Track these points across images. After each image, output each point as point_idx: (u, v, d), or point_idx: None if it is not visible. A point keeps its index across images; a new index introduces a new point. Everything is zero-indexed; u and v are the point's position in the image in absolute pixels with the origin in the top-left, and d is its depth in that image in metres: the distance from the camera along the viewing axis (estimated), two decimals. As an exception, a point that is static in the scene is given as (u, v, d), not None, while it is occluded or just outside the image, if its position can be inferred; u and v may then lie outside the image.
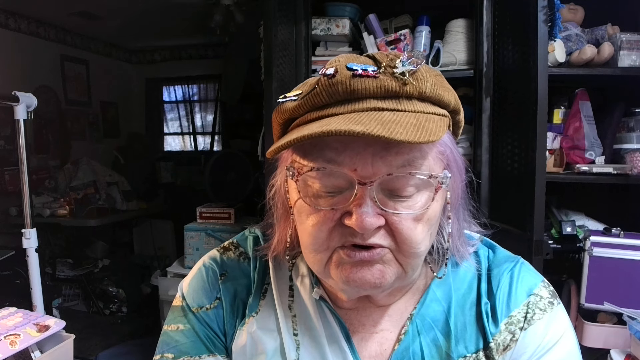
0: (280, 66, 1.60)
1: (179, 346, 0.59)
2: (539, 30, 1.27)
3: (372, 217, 0.46)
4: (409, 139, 0.41)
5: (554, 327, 0.55)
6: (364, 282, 0.49)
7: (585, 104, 1.60)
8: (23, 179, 1.62)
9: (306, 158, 0.49)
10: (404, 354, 0.55)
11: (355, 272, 0.49)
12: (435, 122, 0.46)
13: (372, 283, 0.49)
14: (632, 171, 1.47)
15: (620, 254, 1.36)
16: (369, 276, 0.49)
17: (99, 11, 3.53)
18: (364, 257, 0.48)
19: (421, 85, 0.47)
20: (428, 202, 0.48)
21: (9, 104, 1.58)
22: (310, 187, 0.50)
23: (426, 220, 0.49)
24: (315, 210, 0.49)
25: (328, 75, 0.47)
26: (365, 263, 0.48)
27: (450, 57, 1.67)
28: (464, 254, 0.58)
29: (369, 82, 0.46)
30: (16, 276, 2.36)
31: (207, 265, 0.64)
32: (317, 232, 0.49)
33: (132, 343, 2.55)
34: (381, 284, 0.49)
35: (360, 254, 0.48)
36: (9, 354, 1.03)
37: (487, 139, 1.60)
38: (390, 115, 0.44)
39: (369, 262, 0.48)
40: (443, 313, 0.57)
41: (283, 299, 0.60)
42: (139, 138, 4.64)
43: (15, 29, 3.44)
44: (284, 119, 0.52)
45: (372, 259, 0.48)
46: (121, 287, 3.31)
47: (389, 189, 0.48)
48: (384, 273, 0.49)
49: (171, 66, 4.81)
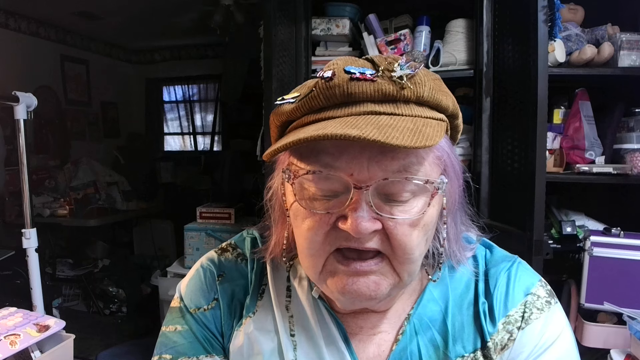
0: (280, 66, 1.60)
1: (177, 347, 0.59)
2: (539, 30, 1.27)
3: (367, 221, 0.45)
4: (405, 143, 0.41)
5: (551, 327, 0.55)
6: (360, 294, 0.49)
7: (585, 104, 1.59)
8: (23, 179, 1.62)
9: (303, 161, 0.49)
10: (401, 355, 0.55)
11: (351, 284, 0.49)
12: (433, 126, 0.46)
13: (367, 295, 0.49)
14: (632, 171, 1.47)
15: (620, 254, 1.36)
16: (364, 288, 0.49)
17: (99, 11, 3.53)
18: (360, 268, 0.48)
19: (419, 89, 0.47)
20: (424, 208, 0.48)
21: (9, 104, 1.58)
22: (306, 190, 0.50)
23: (422, 226, 0.49)
24: (311, 214, 0.49)
25: (326, 78, 0.47)
26: (361, 274, 0.48)
27: (450, 57, 1.67)
28: (461, 259, 0.58)
29: (366, 85, 0.46)
30: (16, 276, 2.36)
31: (205, 267, 0.64)
32: (313, 236, 0.49)
33: (132, 343, 2.54)
34: (376, 295, 0.49)
35: (355, 264, 0.48)
36: (9, 354, 1.03)
37: (487, 139, 1.60)
38: (387, 120, 0.44)
39: (364, 272, 0.48)
40: (440, 313, 0.57)
41: (280, 300, 0.60)
42: (139, 138, 4.64)
43: (15, 29, 3.44)
44: (282, 121, 0.52)
45: (368, 269, 0.48)
46: (121, 287, 3.31)
47: (385, 193, 0.47)
48: (379, 285, 0.49)
49: (171, 66, 4.81)
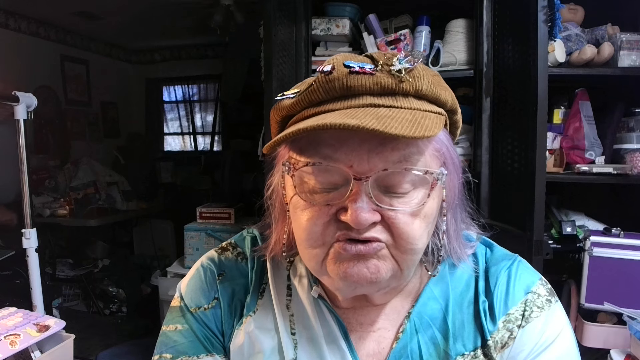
0: (280, 66, 1.60)
1: (177, 346, 0.59)
2: (539, 30, 1.27)
3: (367, 212, 0.46)
4: (404, 133, 0.41)
5: (551, 325, 0.55)
6: (360, 277, 0.49)
7: (585, 104, 1.59)
8: (23, 179, 1.62)
9: (302, 154, 0.49)
10: (402, 352, 0.55)
11: (352, 267, 0.49)
12: (432, 119, 0.46)
13: (368, 278, 0.49)
14: (632, 171, 1.47)
15: (620, 254, 1.36)
16: (364, 270, 0.48)
17: (98, 11, 3.53)
18: (361, 250, 0.48)
19: (418, 82, 0.47)
20: (424, 199, 0.48)
21: (9, 104, 1.58)
22: (306, 183, 0.50)
23: (423, 217, 0.49)
24: (310, 205, 0.49)
25: (325, 72, 0.48)
26: (362, 257, 0.48)
27: (450, 57, 1.67)
28: (461, 256, 0.58)
29: (365, 79, 0.46)
30: (16, 276, 2.35)
31: (205, 266, 0.64)
32: (312, 227, 0.49)
33: (132, 343, 2.54)
34: (377, 279, 0.49)
35: (357, 247, 0.48)
36: (9, 354, 1.03)
37: (487, 139, 1.60)
38: (386, 111, 0.45)
39: (364, 256, 0.48)
40: (441, 311, 0.57)
41: (281, 298, 0.60)
42: (139, 138, 4.64)
43: (15, 29, 3.44)
44: (282, 116, 0.53)
45: (369, 252, 0.48)
46: (121, 287, 3.31)
47: (384, 185, 0.48)
48: (379, 268, 0.49)
49: (171, 66, 4.81)
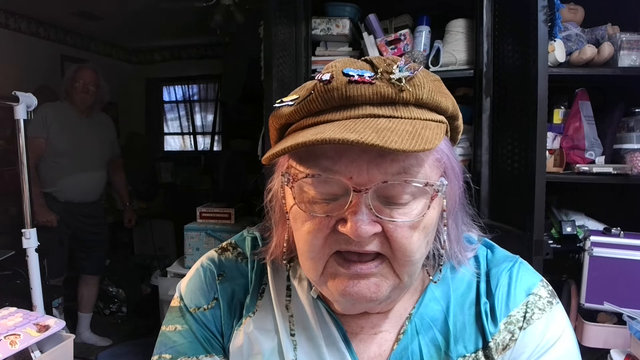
0: (280, 66, 1.60)
1: (177, 347, 0.59)
2: (539, 30, 1.27)
3: (367, 224, 0.45)
4: (403, 147, 0.40)
5: (553, 327, 0.55)
6: (360, 297, 0.49)
7: (585, 104, 1.59)
8: (23, 179, 1.62)
9: (302, 165, 0.49)
10: (402, 354, 0.55)
11: (351, 286, 0.49)
12: (432, 129, 0.46)
13: (368, 297, 0.49)
14: (632, 171, 1.47)
15: (620, 254, 1.36)
16: (364, 290, 0.49)
17: (98, 11, 3.53)
18: (360, 270, 0.48)
19: (418, 91, 0.47)
20: (424, 210, 0.48)
21: (9, 104, 1.58)
22: (305, 193, 0.50)
23: (422, 228, 0.49)
24: (311, 217, 0.49)
25: (324, 81, 0.47)
26: (361, 276, 0.48)
27: (450, 57, 1.67)
28: (462, 260, 0.58)
29: (365, 88, 0.46)
30: (16, 276, 2.35)
31: (205, 266, 0.64)
32: (313, 240, 0.49)
33: (132, 343, 2.54)
34: (377, 297, 0.49)
35: (356, 266, 0.48)
36: (9, 354, 1.03)
37: (487, 139, 1.60)
38: (385, 123, 0.44)
39: (365, 275, 0.48)
40: (442, 313, 0.57)
41: (280, 299, 0.60)
42: (139, 138, 4.64)
43: (15, 29, 3.44)
44: (280, 124, 0.52)
45: (369, 272, 0.48)
46: (121, 287, 3.31)
47: (384, 196, 0.47)
48: (379, 287, 0.49)
49: (171, 66, 4.81)
